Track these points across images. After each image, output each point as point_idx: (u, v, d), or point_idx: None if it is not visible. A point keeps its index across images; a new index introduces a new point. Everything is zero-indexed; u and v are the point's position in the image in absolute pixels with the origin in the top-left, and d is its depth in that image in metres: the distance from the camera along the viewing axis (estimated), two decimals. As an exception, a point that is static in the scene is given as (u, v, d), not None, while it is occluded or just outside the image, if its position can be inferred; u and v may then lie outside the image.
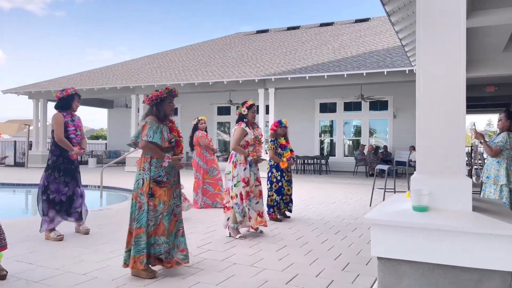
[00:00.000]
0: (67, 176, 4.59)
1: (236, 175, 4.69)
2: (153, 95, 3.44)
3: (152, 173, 3.34)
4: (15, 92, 17.33)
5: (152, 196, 3.31)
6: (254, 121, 4.97)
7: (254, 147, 4.83)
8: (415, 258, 1.91)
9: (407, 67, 11.23)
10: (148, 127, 3.36)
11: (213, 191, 6.90)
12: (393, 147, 14.98)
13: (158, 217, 3.31)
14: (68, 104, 4.67)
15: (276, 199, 5.73)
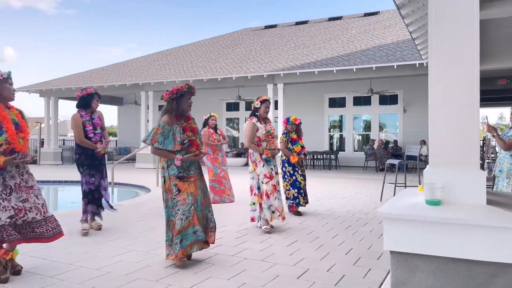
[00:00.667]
0: (92, 169, 4.74)
1: (259, 173, 4.76)
2: (174, 89, 3.55)
3: (172, 171, 3.47)
4: (27, 90, 17.52)
5: (179, 191, 3.44)
6: (266, 116, 4.99)
7: (267, 142, 4.85)
8: (428, 252, 1.89)
9: (417, 60, 11.11)
10: (159, 132, 3.46)
11: (219, 187, 6.93)
12: (403, 142, 14.87)
13: (191, 209, 3.43)
14: (88, 103, 4.77)
15: (292, 192, 5.78)
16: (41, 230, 3.21)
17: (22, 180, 3.23)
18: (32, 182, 3.31)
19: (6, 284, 3.03)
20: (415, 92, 14.55)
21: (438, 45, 2.12)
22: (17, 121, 3.24)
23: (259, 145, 4.80)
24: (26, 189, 3.22)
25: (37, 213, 3.21)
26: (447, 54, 2.08)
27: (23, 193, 3.19)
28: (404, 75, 12.36)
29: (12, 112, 3.25)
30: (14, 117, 3.24)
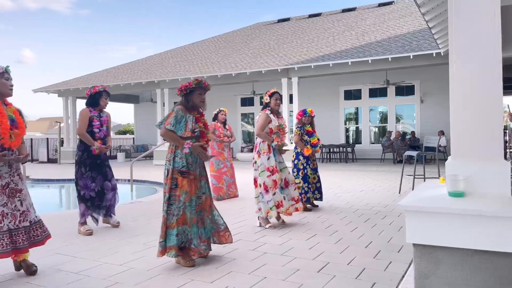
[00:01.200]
0: (93, 171, 4.65)
1: (260, 165, 4.69)
2: (183, 86, 3.52)
3: (176, 164, 3.40)
4: (46, 90, 17.85)
5: (176, 186, 3.37)
6: (278, 110, 4.93)
7: (278, 135, 4.80)
8: (452, 244, 1.87)
9: (434, 50, 10.91)
10: (173, 116, 3.42)
11: (217, 184, 6.80)
12: (420, 133, 14.67)
13: (181, 207, 3.35)
14: (95, 101, 4.74)
15: (303, 186, 5.68)
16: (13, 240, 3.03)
17: (11, 182, 3.07)
18: (21, 185, 3.15)
19: (33, 280, 3.11)
20: (432, 82, 14.31)
21: (458, 33, 2.07)
22: (13, 118, 3.09)
23: (270, 136, 4.73)
24: (11, 193, 3.06)
25: (11, 221, 3.03)
26: (468, 42, 2.04)
27: (5, 197, 3.02)
28: (421, 65, 12.15)
29: (10, 109, 3.11)
30: (11, 113, 3.10)
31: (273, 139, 4.71)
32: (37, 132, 46.60)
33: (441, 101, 13.80)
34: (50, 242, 4.21)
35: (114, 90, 16.54)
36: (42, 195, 9.89)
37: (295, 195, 4.86)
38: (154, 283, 3.01)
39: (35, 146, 19.09)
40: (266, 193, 4.62)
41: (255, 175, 4.79)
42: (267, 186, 4.62)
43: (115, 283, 3.03)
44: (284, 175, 4.84)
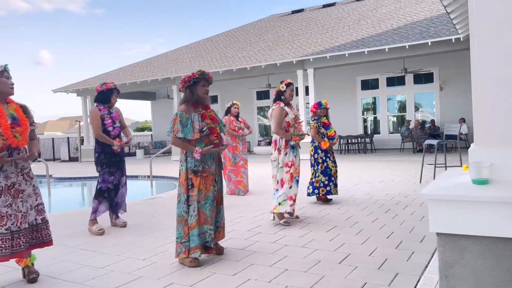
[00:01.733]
0: (111, 167, 4.66)
1: (280, 161, 4.56)
2: (186, 77, 3.41)
3: (189, 164, 3.34)
4: (65, 90, 18.19)
5: (192, 186, 3.32)
6: (291, 101, 4.75)
7: (294, 127, 4.66)
8: (477, 232, 1.83)
9: (453, 35, 10.65)
10: (178, 121, 3.34)
11: (235, 178, 6.76)
12: (440, 121, 14.40)
13: (197, 206, 3.31)
14: (107, 98, 4.69)
15: (323, 179, 5.58)
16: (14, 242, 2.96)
17: (16, 182, 2.99)
18: (25, 186, 3.05)
19: (58, 276, 3.19)
20: (452, 69, 14.00)
21: (479, 13, 2.01)
22: (14, 116, 3.00)
23: (287, 130, 4.58)
24: (15, 193, 2.98)
25: (13, 222, 2.95)
26: (490, 22, 1.98)
27: (10, 197, 2.94)
28: (439, 52, 11.89)
29: (11, 107, 3.02)
30: (13, 111, 3.01)
31: (291, 137, 4.55)
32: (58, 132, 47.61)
33: (461, 87, 13.50)
34: (75, 238, 4.33)
35: (131, 88, 16.74)
36: (65, 193, 10.12)
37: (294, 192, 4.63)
38: (178, 277, 3.05)
39: (56, 145, 19.50)
40: (281, 187, 4.53)
41: (274, 172, 4.65)
42: (284, 181, 4.53)
43: (139, 277, 3.08)
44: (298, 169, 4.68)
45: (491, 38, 1.99)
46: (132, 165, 14.35)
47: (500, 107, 1.96)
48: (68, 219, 5.40)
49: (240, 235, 4.12)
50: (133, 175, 11.21)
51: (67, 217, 5.61)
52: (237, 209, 5.46)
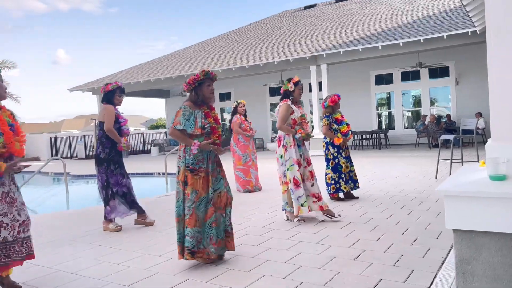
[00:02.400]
0: (122, 168, 4.59)
1: (288, 159, 4.44)
2: (190, 79, 3.36)
3: (187, 161, 3.26)
4: (80, 89, 18.46)
5: (186, 184, 3.23)
6: (299, 99, 4.68)
7: (301, 125, 4.56)
8: (494, 229, 1.81)
9: (469, 28, 10.47)
10: (181, 114, 3.29)
11: (244, 178, 6.71)
12: (456, 116, 14.17)
13: (191, 206, 3.20)
14: (109, 99, 4.60)
15: (333, 177, 5.49)
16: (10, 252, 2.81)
17: (10, 190, 2.85)
18: (17, 194, 2.91)
19: (79, 272, 3.26)
20: (468, 62, 13.76)
21: (497, 4, 1.98)
22: (11, 123, 2.87)
23: (293, 128, 4.50)
24: (10, 202, 2.84)
25: (9, 232, 2.79)
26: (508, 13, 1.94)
27: (6, 206, 2.80)
28: (455, 45, 11.70)
29: (5, 113, 2.87)
30: (7, 118, 2.87)
31: (295, 131, 4.46)
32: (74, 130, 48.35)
33: (478, 81, 13.26)
34: (92, 235, 4.40)
35: (145, 86, 16.88)
36: (82, 190, 10.28)
37: (314, 191, 4.50)
38: (193, 274, 3.08)
39: (73, 144, 19.81)
40: (296, 188, 4.38)
41: (281, 170, 4.56)
42: (297, 180, 4.39)
43: (156, 273, 3.13)
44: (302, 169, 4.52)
45: (508, 30, 1.95)
46: (147, 162, 14.49)
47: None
48: (85, 216, 5.49)
49: (255, 232, 4.14)
50: (148, 172, 11.34)
51: (84, 214, 5.71)
52: (252, 205, 5.48)
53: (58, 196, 9.27)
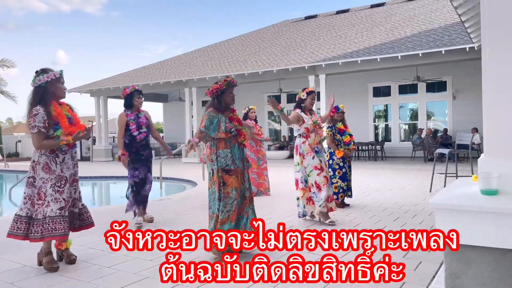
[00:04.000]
0: (136, 163, 4.88)
1: (307, 166, 4.68)
2: (214, 88, 3.61)
3: (220, 163, 3.52)
4: (78, 90, 18.43)
5: (224, 184, 3.49)
6: (312, 108, 4.89)
7: (315, 132, 4.78)
8: (484, 243, 1.82)
9: (467, 44, 10.57)
10: (206, 119, 3.57)
11: (258, 180, 6.97)
12: (453, 130, 14.25)
13: (233, 203, 3.48)
14: (129, 103, 4.90)
15: (342, 185, 5.67)
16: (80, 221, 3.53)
17: (75, 172, 3.44)
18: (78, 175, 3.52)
19: (65, 273, 3.23)
20: (465, 78, 13.86)
21: (491, 22, 2.01)
22: (70, 116, 3.40)
23: (308, 136, 4.73)
24: (75, 182, 3.45)
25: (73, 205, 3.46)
26: (502, 31, 1.97)
27: (72, 187, 3.39)
28: (453, 60, 11.81)
29: (64, 108, 3.41)
30: (66, 112, 3.41)
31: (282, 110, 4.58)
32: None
33: (475, 97, 13.34)
34: (84, 236, 4.37)
35: (144, 90, 16.76)
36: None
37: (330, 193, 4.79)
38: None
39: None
40: (319, 191, 4.63)
41: (297, 177, 4.78)
42: (319, 184, 4.64)
43: (145, 277, 3.11)
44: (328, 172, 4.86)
45: (503, 48, 1.98)
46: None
47: (509, 118, 1.95)
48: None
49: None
50: (143, 176, 11.29)
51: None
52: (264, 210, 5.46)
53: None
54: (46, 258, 3.28)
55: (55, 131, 3.24)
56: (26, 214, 3.25)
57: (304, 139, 4.74)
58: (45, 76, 3.24)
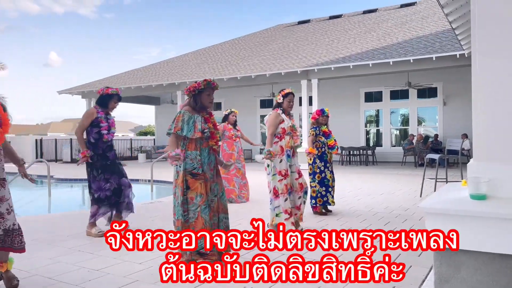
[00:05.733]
0: (106, 173, 4.51)
1: (272, 167, 4.40)
2: (191, 86, 3.45)
3: (187, 165, 3.32)
4: (70, 92, 18.30)
5: (188, 188, 3.28)
6: (290, 111, 4.65)
7: (290, 136, 4.52)
8: (473, 247, 1.83)
9: (458, 51, 10.70)
10: (180, 119, 3.37)
11: (228, 186, 6.57)
12: (443, 136, 14.38)
13: (196, 210, 3.26)
14: (104, 103, 4.60)
15: (320, 190, 5.51)
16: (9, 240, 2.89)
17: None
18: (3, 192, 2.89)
19: (55, 277, 3.19)
20: (456, 84, 14.02)
21: (481, 30, 2.03)
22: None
23: (282, 137, 4.45)
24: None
25: None
26: (492, 40, 2.00)
27: None
28: (444, 67, 11.94)
29: None
30: None
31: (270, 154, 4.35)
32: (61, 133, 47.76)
33: (465, 103, 13.50)
34: (73, 239, 4.33)
35: (136, 92, 16.82)
36: (65, 194, 10.13)
37: (298, 203, 4.51)
38: (174, 283, 3.04)
39: (59, 147, 19.57)
40: (275, 198, 4.37)
41: (268, 179, 4.53)
42: (277, 190, 4.36)
43: (135, 281, 3.08)
44: (291, 180, 4.50)
45: (492, 55, 2.00)
46: (133, 169, 14.35)
47: (500, 123, 1.98)
48: (67, 220, 5.40)
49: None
50: (134, 179, 11.21)
51: (66, 218, 5.61)
52: (235, 216, 5.45)
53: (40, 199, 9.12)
54: None
55: None
56: None
57: (277, 139, 4.46)
58: None
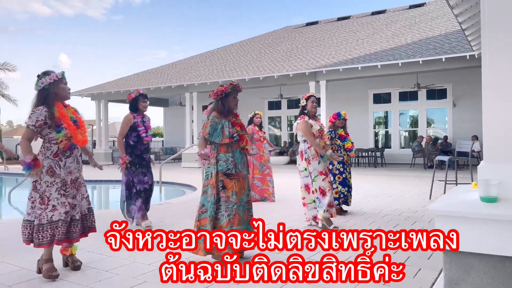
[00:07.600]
0: (143, 168, 4.90)
1: (312, 171, 4.73)
2: (218, 90, 3.63)
3: (221, 167, 3.53)
4: (79, 94, 18.46)
5: (224, 188, 3.50)
6: (315, 113, 4.95)
7: (320, 138, 4.85)
8: (484, 250, 1.82)
9: (468, 52, 10.60)
10: (209, 125, 3.57)
11: (261, 186, 6.92)
12: (453, 138, 14.26)
13: (233, 207, 3.48)
14: (134, 107, 4.94)
15: (342, 190, 5.68)
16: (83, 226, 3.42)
17: (79, 176, 3.39)
18: (83, 179, 3.46)
19: (66, 277, 3.22)
20: (465, 85, 13.90)
21: (492, 31, 2.02)
22: (75, 118, 3.38)
23: None
24: (79, 186, 3.39)
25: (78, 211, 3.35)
26: (502, 41, 1.98)
27: (74, 190, 3.33)
28: (453, 68, 11.84)
29: (69, 110, 3.39)
30: (71, 114, 3.38)
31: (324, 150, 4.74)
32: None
33: (475, 104, 13.37)
34: (82, 241, 4.36)
35: (145, 94, 16.91)
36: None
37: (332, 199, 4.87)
38: (182, 283, 3.05)
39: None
40: (323, 197, 4.68)
41: (304, 182, 4.83)
42: (323, 189, 4.69)
43: (144, 281, 3.10)
44: None
45: (502, 55, 1.99)
46: (142, 170, 14.43)
47: (509, 125, 1.96)
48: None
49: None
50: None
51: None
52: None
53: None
54: (46, 266, 3.20)
55: (57, 133, 3.20)
56: (34, 218, 3.20)
57: (309, 144, 4.77)
58: (47, 78, 3.25)
